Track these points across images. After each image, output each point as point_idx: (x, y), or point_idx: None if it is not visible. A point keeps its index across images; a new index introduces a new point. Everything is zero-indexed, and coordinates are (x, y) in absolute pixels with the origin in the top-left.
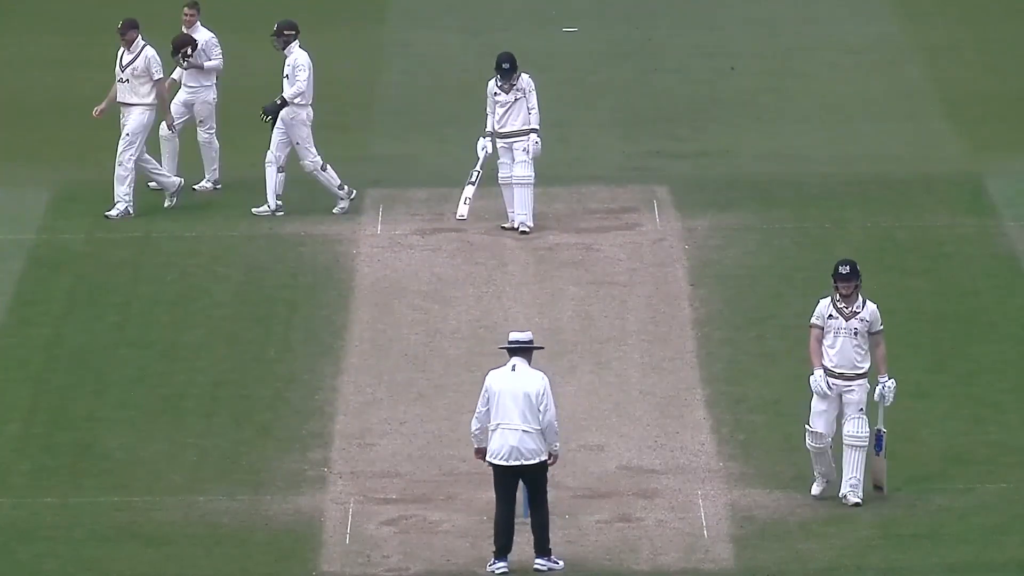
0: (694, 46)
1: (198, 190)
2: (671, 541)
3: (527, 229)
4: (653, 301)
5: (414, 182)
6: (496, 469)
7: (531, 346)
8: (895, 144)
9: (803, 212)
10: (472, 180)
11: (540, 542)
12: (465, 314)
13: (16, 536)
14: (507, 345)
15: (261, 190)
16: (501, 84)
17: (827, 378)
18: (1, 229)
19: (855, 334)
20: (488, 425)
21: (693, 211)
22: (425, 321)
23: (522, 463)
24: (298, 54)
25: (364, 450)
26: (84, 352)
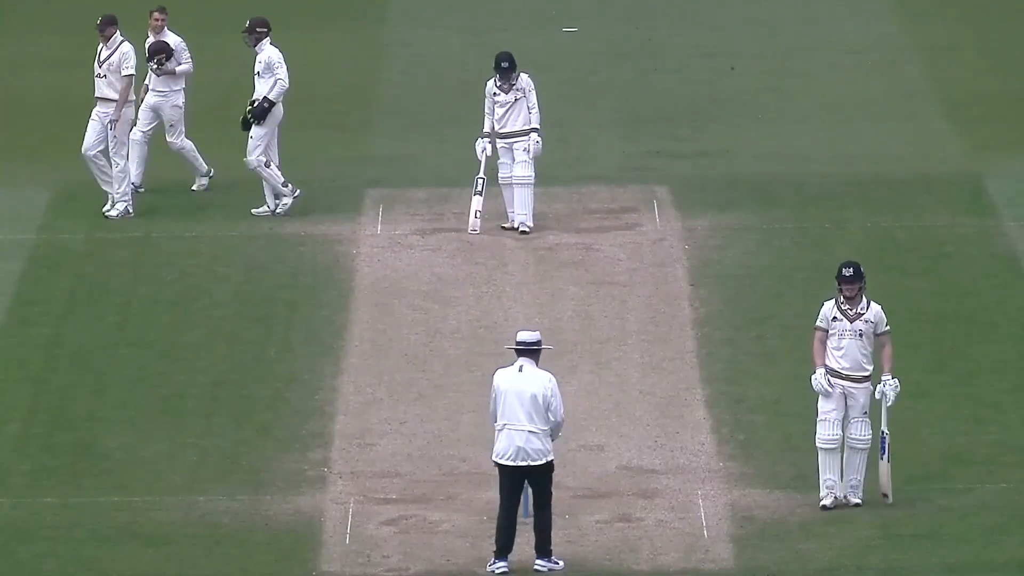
0: (694, 46)
1: (196, 190)
2: (671, 541)
3: (527, 229)
4: (653, 301)
5: (414, 182)
6: (502, 469)
7: (537, 347)
8: (895, 144)
9: (803, 212)
10: (479, 189)
11: (541, 543)
12: (465, 314)
13: (16, 536)
14: (514, 346)
15: (260, 190)
16: (500, 84)
17: (828, 376)
18: (1, 229)
19: (860, 335)
20: (495, 424)
21: (693, 211)
22: (425, 321)
23: (529, 464)
24: (270, 51)
25: (364, 450)
26: (84, 352)
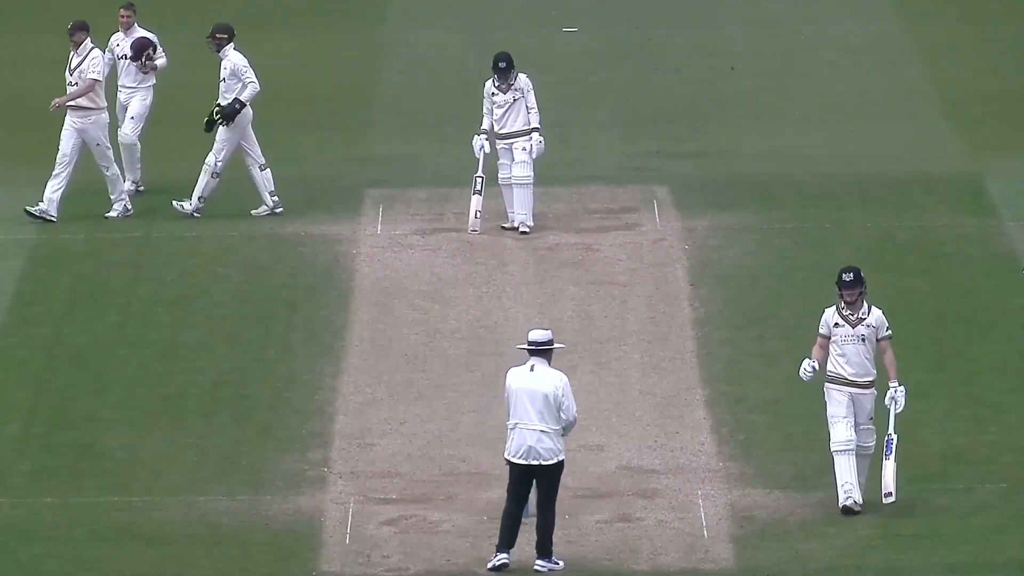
0: (694, 46)
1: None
2: (671, 541)
3: (527, 229)
4: (653, 301)
5: (414, 182)
6: (512, 467)
7: (547, 347)
8: (895, 144)
9: (803, 212)
10: (478, 189)
11: (543, 543)
12: (465, 314)
13: (16, 536)
14: (526, 346)
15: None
16: (498, 84)
17: (813, 364)
18: (1, 229)
19: (863, 340)
20: (507, 423)
21: (693, 211)
22: (425, 321)
23: (540, 463)
24: (234, 57)
25: (364, 450)
26: (84, 352)
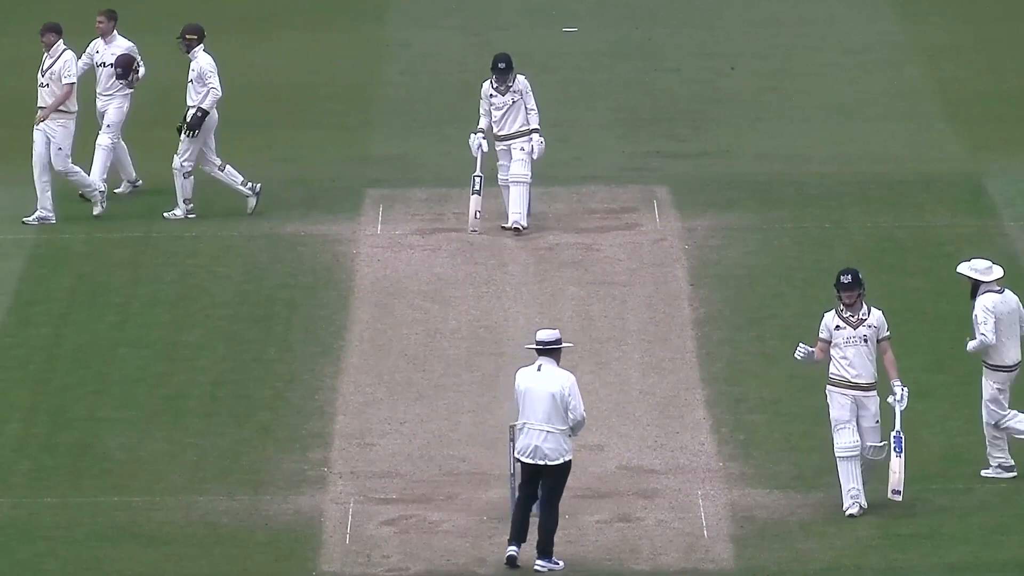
0: (694, 46)
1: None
2: (671, 541)
3: (520, 227)
4: (653, 301)
5: (414, 182)
6: (523, 467)
7: (555, 346)
8: (895, 144)
9: (803, 212)
10: (477, 189)
11: (543, 544)
12: (465, 314)
13: (16, 536)
14: (534, 346)
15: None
16: (497, 85)
17: (806, 348)
18: (1, 229)
19: (865, 341)
20: (517, 423)
21: (693, 211)
22: (425, 321)
23: (546, 463)
24: (202, 59)
25: (364, 450)
26: (84, 352)
